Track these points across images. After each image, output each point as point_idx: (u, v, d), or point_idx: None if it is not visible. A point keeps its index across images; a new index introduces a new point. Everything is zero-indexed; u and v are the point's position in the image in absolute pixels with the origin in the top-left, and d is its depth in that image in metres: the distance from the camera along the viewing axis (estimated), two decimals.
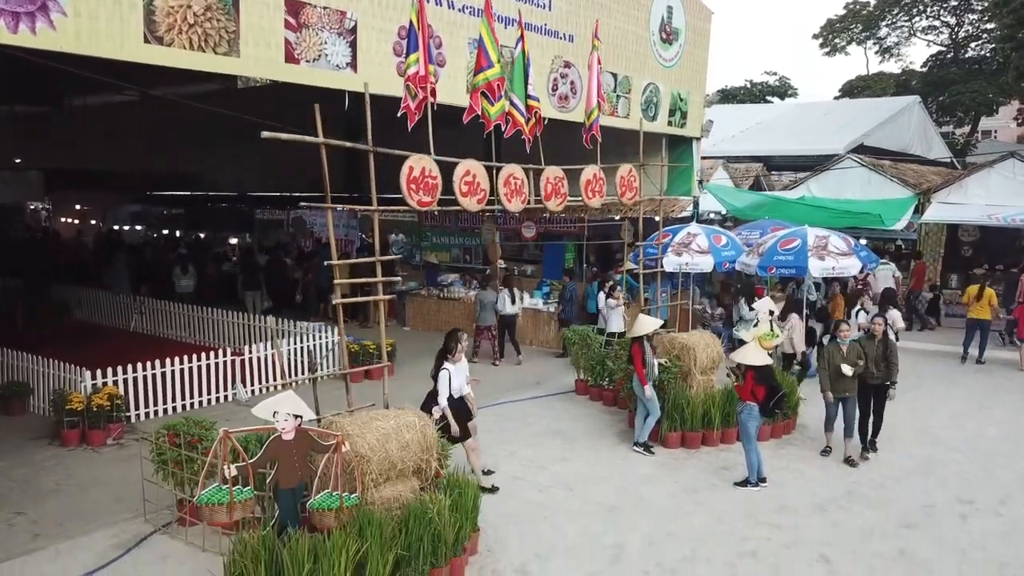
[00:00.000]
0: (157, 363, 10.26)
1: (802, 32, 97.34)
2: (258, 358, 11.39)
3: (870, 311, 11.52)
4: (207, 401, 10.83)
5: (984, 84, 35.13)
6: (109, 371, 9.82)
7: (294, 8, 8.48)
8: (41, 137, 22.08)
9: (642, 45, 14.24)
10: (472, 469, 7.80)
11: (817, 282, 14.33)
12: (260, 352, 11.43)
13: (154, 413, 10.22)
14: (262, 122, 6.45)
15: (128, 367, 10.02)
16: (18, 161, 24.30)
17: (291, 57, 8.53)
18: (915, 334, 15.97)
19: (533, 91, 8.23)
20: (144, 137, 21.50)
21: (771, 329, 10.63)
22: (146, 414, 10.16)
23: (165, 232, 27.44)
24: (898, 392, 10.52)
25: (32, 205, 29.73)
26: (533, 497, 7.90)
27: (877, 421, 9.23)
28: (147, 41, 7.28)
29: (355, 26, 9.11)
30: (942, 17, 39.45)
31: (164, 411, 10.30)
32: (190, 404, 10.62)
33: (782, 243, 12.41)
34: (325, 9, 8.79)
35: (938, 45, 40.86)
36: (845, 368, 8.67)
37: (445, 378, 7.60)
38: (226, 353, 11.22)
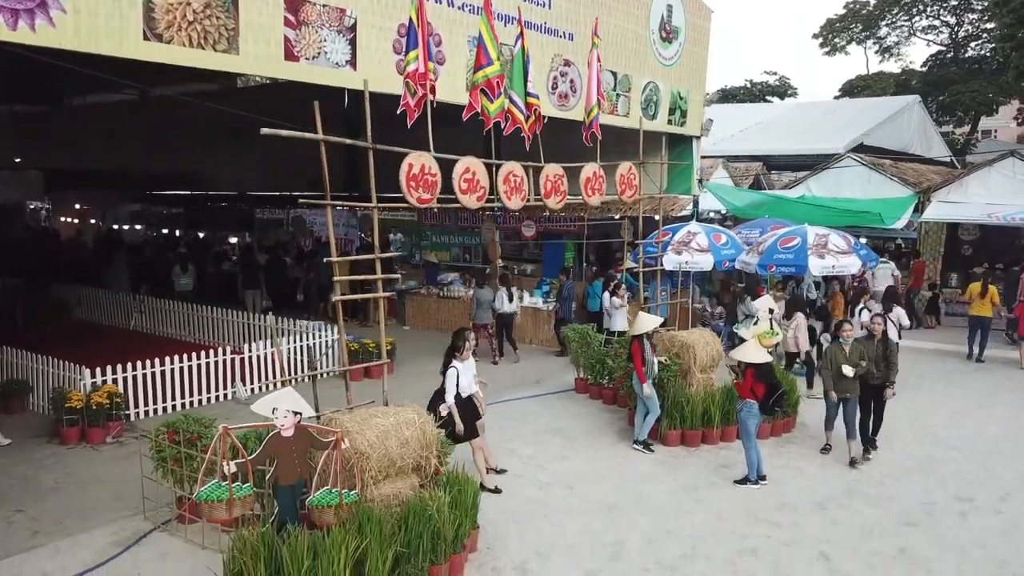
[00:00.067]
0: (157, 361, 10.26)
1: (802, 32, 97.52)
2: (258, 357, 11.39)
3: (873, 310, 11.49)
4: (207, 400, 10.83)
5: (984, 84, 35.17)
6: (109, 369, 9.83)
7: (294, 5, 8.48)
8: (41, 137, 22.11)
9: (642, 43, 14.24)
10: (476, 467, 7.81)
11: (817, 281, 14.33)
12: (260, 351, 11.43)
13: (154, 411, 10.23)
14: (261, 119, 6.43)
15: (128, 365, 10.02)
16: (18, 160, 24.31)
17: (291, 55, 8.53)
18: (913, 333, 15.95)
19: (533, 89, 8.22)
20: (144, 137, 21.52)
21: (771, 327, 10.63)
22: (146, 412, 10.16)
23: (165, 231, 27.42)
24: (898, 391, 10.48)
25: (32, 205, 29.73)
26: (533, 495, 7.89)
27: (877, 421, 9.21)
28: (147, 38, 7.29)
29: (355, 24, 9.11)
30: (942, 17, 39.49)
31: (164, 409, 10.31)
32: (190, 403, 10.63)
33: (782, 241, 12.42)
34: (325, 7, 8.79)
35: (938, 45, 40.92)
36: (846, 369, 8.61)
37: (453, 376, 7.57)
38: (226, 352, 11.23)
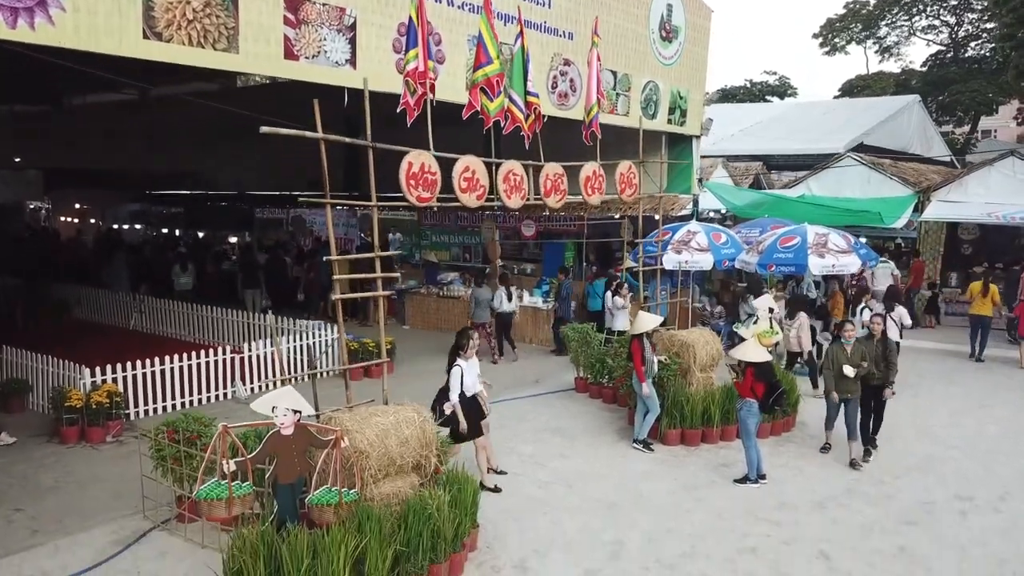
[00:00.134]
0: (156, 361, 10.26)
1: (802, 31, 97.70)
2: (257, 356, 11.39)
3: (874, 309, 11.48)
4: (207, 399, 10.83)
5: (984, 83, 35.19)
6: (108, 368, 9.83)
7: (293, 4, 8.47)
8: (41, 136, 22.10)
9: (642, 43, 14.23)
10: (478, 466, 7.81)
11: (817, 280, 14.32)
12: (259, 350, 11.43)
13: (153, 411, 10.22)
14: (261, 117, 6.42)
15: (127, 365, 10.02)
16: (18, 160, 24.32)
17: (290, 53, 8.52)
18: (913, 332, 15.89)
19: (532, 88, 8.20)
20: (144, 137, 21.52)
21: (771, 326, 10.62)
22: (145, 411, 10.16)
23: (165, 231, 27.41)
24: (898, 390, 10.48)
25: (32, 204, 29.73)
26: (533, 493, 7.89)
27: (877, 421, 9.19)
28: (146, 37, 7.28)
29: (354, 22, 9.10)
30: (942, 16, 39.51)
31: (164, 408, 10.30)
32: (190, 402, 10.63)
33: (782, 241, 12.42)
34: (324, 5, 8.78)
35: (938, 44, 40.94)
36: (847, 369, 8.56)
37: (457, 374, 7.56)
38: (225, 351, 11.23)
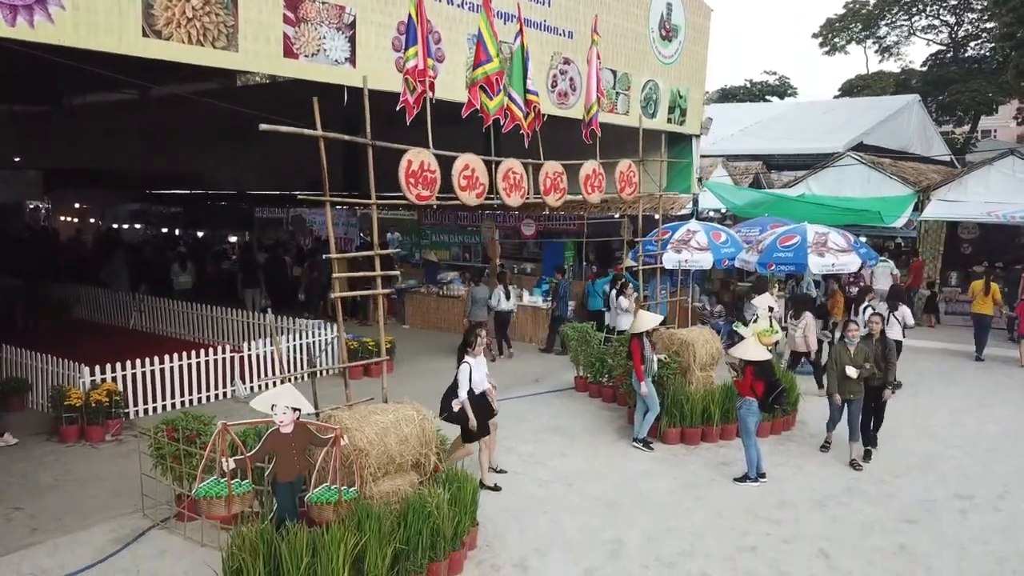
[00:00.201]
0: (156, 360, 10.26)
1: (802, 31, 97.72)
2: (257, 355, 11.39)
3: (876, 308, 11.46)
4: (206, 398, 10.82)
5: (984, 83, 35.20)
6: (108, 367, 9.82)
7: (293, 3, 8.47)
8: (41, 136, 22.11)
9: (641, 42, 14.23)
10: (479, 464, 7.81)
11: (817, 279, 14.31)
12: (259, 349, 11.43)
13: (153, 410, 10.22)
14: (260, 115, 6.42)
15: (127, 364, 10.02)
16: (17, 160, 24.32)
17: (290, 52, 8.53)
18: (912, 331, 15.88)
19: (532, 86, 8.20)
20: (144, 137, 21.53)
21: (770, 325, 10.61)
22: (145, 410, 10.15)
23: (164, 231, 27.41)
24: (898, 389, 10.51)
25: (31, 204, 29.74)
26: (533, 492, 7.88)
27: (878, 422, 9.17)
28: (146, 35, 7.29)
29: (354, 21, 9.10)
30: (941, 16, 39.53)
31: (163, 407, 10.31)
32: (189, 401, 10.63)
33: (781, 240, 12.42)
34: (324, 4, 8.78)
35: (938, 44, 40.95)
36: (850, 370, 8.50)
37: (466, 371, 7.54)
38: (225, 350, 11.23)
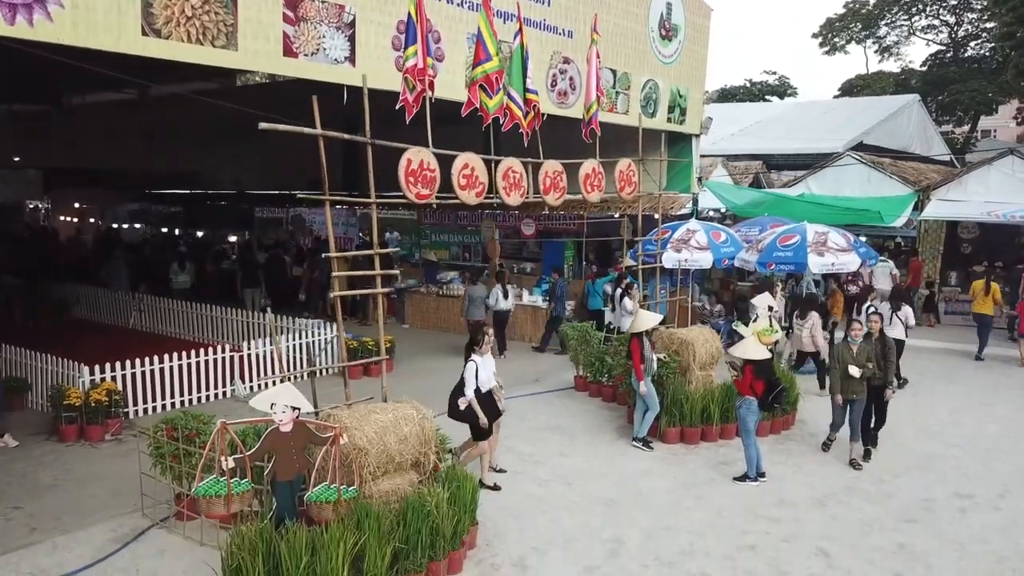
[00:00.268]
0: (156, 359, 10.25)
1: (802, 31, 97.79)
2: (257, 354, 11.38)
3: (879, 308, 11.44)
4: (206, 397, 10.81)
5: (983, 83, 35.20)
6: (107, 367, 9.82)
7: (292, 1, 8.47)
8: (40, 136, 22.08)
9: (641, 41, 14.23)
10: (479, 463, 7.81)
11: (816, 279, 14.30)
12: (259, 348, 11.42)
13: (153, 409, 10.21)
14: (260, 113, 6.42)
15: (127, 363, 10.01)
16: (17, 160, 24.30)
17: (289, 51, 8.52)
18: (912, 331, 15.90)
19: (532, 85, 8.20)
20: (144, 136, 21.51)
21: (770, 324, 10.60)
22: (145, 410, 10.15)
23: (164, 230, 27.41)
24: (898, 389, 10.50)
25: (31, 204, 29.72)
26: (532, 491, 7.88)
27: (879, 421, 9.17)
28: (145, 34, 7.28)
29: (353, 20, 9.10)
30: (941, 16, 39.52)
31: (163, 407, 10.30)
32: (189, 400, 10.62)
33: (781, 239, 12.43)
34: (324, 3, 8.77)
35: (937, 44, 40.95)
36: (853, 369, 8.48)
37: (472, 370, 7.54)
38: (225, 350, 11.22)
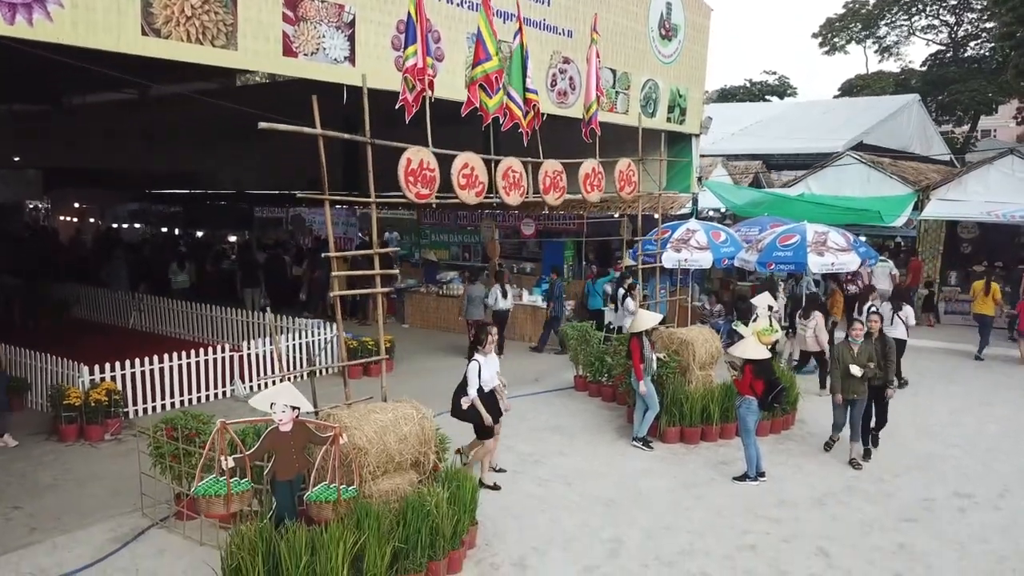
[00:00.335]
0: (155, 359, 10.25)
1: (802, 31, 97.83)
2: (257, 354, 11.38)
3: (879, 308, 11.43)
4: (206, 397, 10.81)
5: (983, 83, 35.20)
6: (107, 367, 9.81)
7: (292, 1, 8.47)
8: (40, 136, 22.10)
9: (641, 41, 14.23)
10: (480, 463, 7.81)
11: (816, 279, 14.29)
12: (259, 348, 11.42)
13: (152, 409, 10.21)
14: (260, 113, 6.42)
15: (126, 363, 10.01)
16: (17, 159, 24.30)
17: (289, 51, 8.52)
18: (912, 331, 15.90)
19: (531, 84, 8.20)
20: (144, 136, 21.52)
21: (770, 324, 10.61)
22: (144, 410, 10.14)
23: (164, 230, 27.41)
24: (898, 389, 10.49)
25: (31, 204, 29.72)
26: (532, 491, 7.88)
27: (880, 421, 9.16)
28: (144, 33, 7.28)
29: (353, 19, 9.10)
30: (941, 16, 39.53)
31: (163, 407, 10.30)
32: (189, 400, 10.62)
33: (781, 239, 12.42)
34: (323, 2, 8.77)
35: (937, 44, 40.95)
36: (854, 369, 8.46)
37: (475, 369, 7.53)
38: (224, 350, 11.22)
